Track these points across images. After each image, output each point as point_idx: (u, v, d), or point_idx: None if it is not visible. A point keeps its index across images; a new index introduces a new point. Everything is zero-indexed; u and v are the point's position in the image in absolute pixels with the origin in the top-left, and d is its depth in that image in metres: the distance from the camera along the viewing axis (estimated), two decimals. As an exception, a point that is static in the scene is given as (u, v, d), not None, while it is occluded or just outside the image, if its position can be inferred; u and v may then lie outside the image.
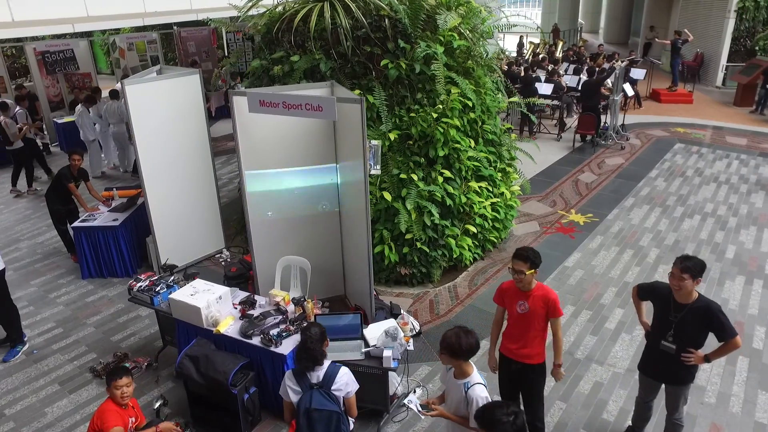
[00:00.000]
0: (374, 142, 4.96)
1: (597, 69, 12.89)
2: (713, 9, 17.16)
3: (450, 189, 6.17)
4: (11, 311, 5.45)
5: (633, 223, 8.08)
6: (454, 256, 6.48)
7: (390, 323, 4.40)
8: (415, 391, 4.68)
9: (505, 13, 7.26)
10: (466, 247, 6.57)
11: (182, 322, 4.65)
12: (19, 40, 11.11)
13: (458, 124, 6.11)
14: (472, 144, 6.45)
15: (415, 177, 6.00)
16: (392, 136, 5.91)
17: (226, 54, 15.61)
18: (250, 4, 6.53)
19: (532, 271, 3.70)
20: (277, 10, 6.44)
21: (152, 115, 6.20)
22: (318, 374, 3.13)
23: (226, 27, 6.70)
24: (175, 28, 13.64)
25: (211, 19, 7.08)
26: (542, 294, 3.77)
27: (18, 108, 9.85)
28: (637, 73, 14.36)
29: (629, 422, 4.43)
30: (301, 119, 5.19)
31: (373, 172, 5.00)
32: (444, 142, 6.06)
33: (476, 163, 6.51)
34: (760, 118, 13.51)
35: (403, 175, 6.00)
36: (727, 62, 16.72)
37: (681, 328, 3.65)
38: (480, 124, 6.54)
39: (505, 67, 13.74)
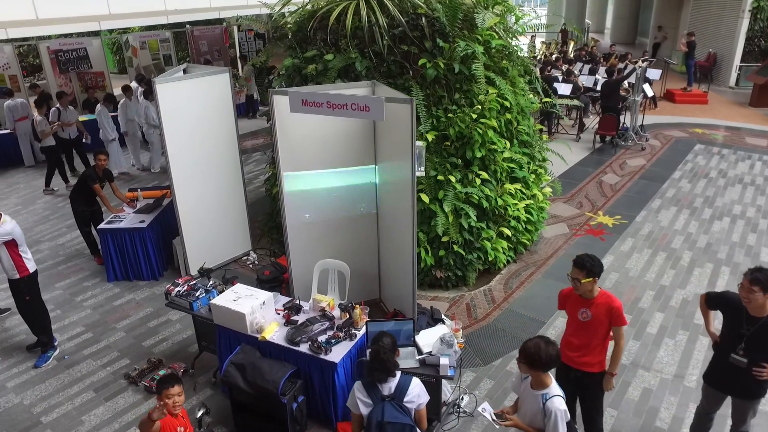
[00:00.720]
0: (418, 143, 4.84)
1: (615, 69, 12.78)
2: (726, 8, 17.05)
3: (486, 191, 6.05)
4: (43, 315, 5.32)
5: (662, 225, 7.97)
6: (489, 259, 6.36)
7: (443, 329, 4.28)
8: (456, 395, 4.57)
9: (536, 12, 7.12)
10: (501, 250, 6.45)
11: (224, 329, 4.53)
12: (38, 38, 10.96)
13: (495, 125, 5.99)
14: (508, 145, 6.34)
15: (452, 179, 5.88)
16: (430, 137, 5.79)
17: (239, 53, 15.49)
18: (283, 1, 6.40)
19: (589, 279, 3.60)
20: (308, 7, 6.31)
21: (182, 115, 6.07)
22: (390, 386, 3.01)
23: (257, 25, 6.54)
24: (188, 26, 13.51)
25: (240, 17, 6.93)
26: (605, 302, 3.66)
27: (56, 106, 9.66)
28: (653, 74, 14.24)
29: (686, 431, 4.32)
30: (340, 119, 5.07)
31: (417, 173, 4.87)
32: (481, 144, 5.94)
33: (511, 165, 6.40)
34: (778, 118, 13.42)
35: (440, 177, 5.88)
36: (741, 62, 16.63)
37: (754, 342, 3.49)
38: (515, 125, 6.42)
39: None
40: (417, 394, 3.05)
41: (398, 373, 3.05)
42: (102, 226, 6.60)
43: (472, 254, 6.23)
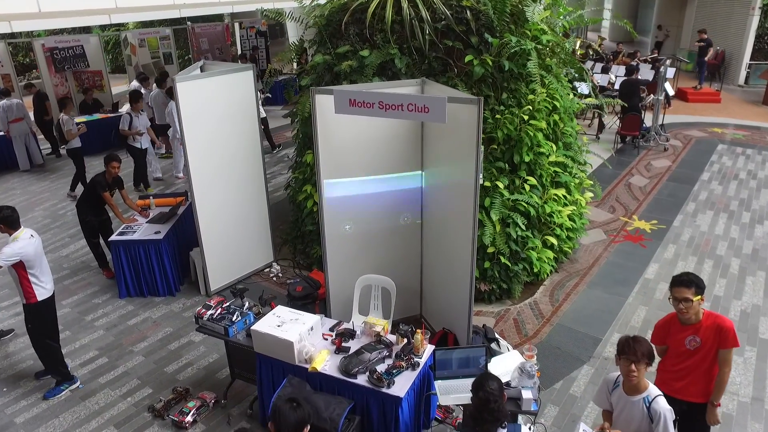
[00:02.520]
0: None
1: (635, 68, 12.42)
2: (735, 6, 16.82)
3: (535, 198, 5.61)
4: (50, 349, 4.71)
5: (702, 231, 7.60)
6: (535, 270, 5.93)
7: (517, 357, 3.83)
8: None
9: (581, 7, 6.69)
10: (546, 260, 6.02)
11: (265, 357, 4.03)
12: (32, 35, 10.34)
13: (544, 126, 5.55)
14: (554, 148, 5.91)
15: (500, 185, 5.44)
16: (476, 139, 5.32)
17: (240, 51, 14.95)
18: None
19: (699, 297, 3.22)
20: (341, 0, 5.82)
21: (203, 116, 5.57)
22: (497, 438, 2.56)
23: (283, 19, 6.05)
24: (188, 23, 12.93)
25: (266, 11, 6.42)
26: (714, 323, 3.28)
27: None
28: (668, 72, 13.93)
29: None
30: (385, 121, 4.60)
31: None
32: (530, 147, 5.50)
33: (557, 169, 5.97)
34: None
35: (487, 183, 5.43)
36: (750, 60, 16.40)
37: None
38: (561, 126, 5.99)
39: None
40: (528, 446, 2.61)
41: (506, 424, 2.60)
42: (114, 237, 6.06)
43: (518, 265, 5.79)
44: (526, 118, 5.34)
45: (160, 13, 9.01)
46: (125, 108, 9.22)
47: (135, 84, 11.17)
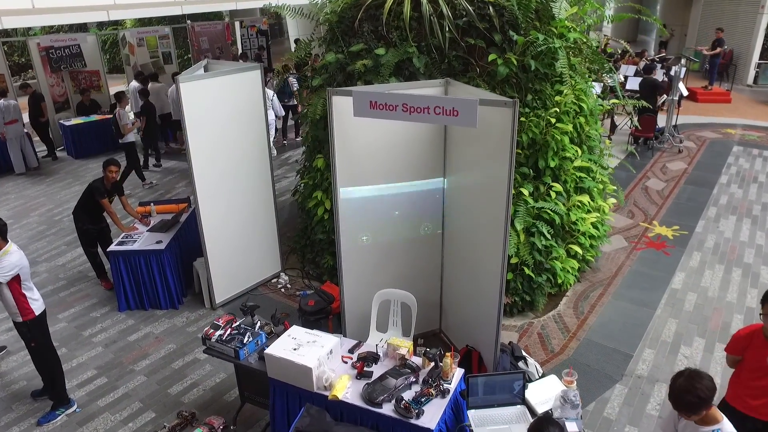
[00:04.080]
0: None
1: (653, 68, 12.11)
2: (742, 5, 16.56)
3: (560, 206, 5.30)
4: (54, 364, 4.39)
5: (726, 237, 7.30)
6: (558, 281, 5.61)
7: (556, 382, 3.51)
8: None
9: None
10: (570, 270, 5.71)
11: (280, 383, 3.70)
12: (27, 34, 9.98)
13: (570, 129, 5.24)
14: (579, 152, 5.59)
15: (524, 191, 5.12)
16: (500, 143, 5.00)
17: (241, 50, 14.62)
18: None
19: None
20: (352, -5, 5.49)
21: (208, 118, 5.24)
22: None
23: (296, 16, 5.71)
24: (188, 22, 12.58)
25: (272, 6, 6.09)
26: None
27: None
28: (681, 72, 13.65)
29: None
30: (405, 125, 4.27)
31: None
32: (555, 152, 5.18)
33: (581, 174, 5.66)
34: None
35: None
36: (759, 59, 16.14)
37: None
38: (587, 128, 5.67)
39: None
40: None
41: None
42: (113, 248, 5.72)
43: (542, 276, 5.47)
44: (553, 121, 5.02)
45: (161, 9, 8.66)
46: (127, 108, 9.06)
47: (134, 84, 10.82)
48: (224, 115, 5.38)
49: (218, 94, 5.29)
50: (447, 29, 4.93)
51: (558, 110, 5.09)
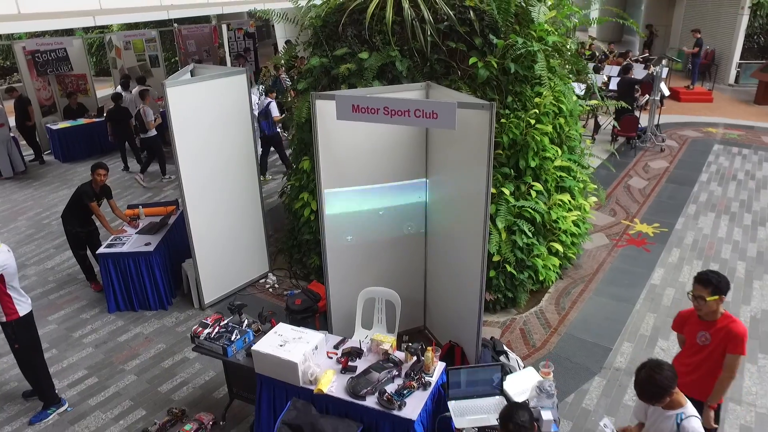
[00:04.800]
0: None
1: (631, 67, 12.34)
2: (723, 5, 16.86)
3: (541, 204, 5.44)
4: (39, 368, 4.45)
5: (705, 233, 7.50)
6: (540, 278, 5.76)
7: (534, 374, 3.64)
8: None
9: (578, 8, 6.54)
10: (551, 268, 5.86)
11: (267, 379, 3.81)
12: (12, 38, 10.01)
13: (550, 130, 5.39)
14: (559, 152, 5.74)
15: (505, 191, 5.26)
16: (481, 144, 5.14)
17: (228, 53, 14.67)
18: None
19: (715, 297, 3.23)
20: (338, 0, 5.61)
21: (195, 122, 5.33)
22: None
23: (279, 20, 5.82)
24: (175, 25, 12.63)
25: (258, 11, 6.19)
26: (726, 325, 3.27)
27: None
28: (663, 72, 13.89)
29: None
30: (388, 128, 4.40)
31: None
32: (535, 152, 5.33)
33: (561, 174, 5.81)
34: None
35: (492, 190, 5.23)
36: (740, 59, 16.43)
37: None
38: (567, 129, 5.83)
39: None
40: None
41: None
42: (102, 250, 5.79)
43: (524, 273, 5.62)
44: (532, 122, 5.17)
45: (147, 14, 8.73)
46: (140, 104, 9.36)
47: (119, 89, 10.87)
48: (211, 118, 5.47)
49: (204, 98, 5.38)
50: (429, 33, 5.06)
51: (537, 111, 5.24)
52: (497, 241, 5.20)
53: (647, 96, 11.26)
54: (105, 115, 10.28)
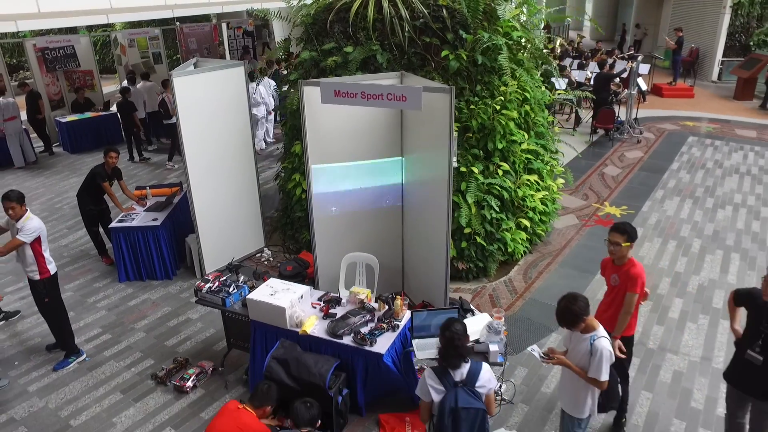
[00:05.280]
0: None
1: (606, 63, 12.96)
2: (707, 5, 17.44)
3: (508, 182, 6.06)
4: (63, 319, 5.12)
5: (669, 215, 8.11)
6: (509, 250, 6.38)
7: (485, 318, 4.27)
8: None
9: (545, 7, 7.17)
10: (519, 241, 6.48)
11: (260, 324, 4.44)
12: (23, 36, 10.62)
13: (516, 116, 6.01)
14: (526, 137, 6.36)
15: (475, 170, 5.88)
16: (452, 128, 5.76)
17: (228, 50, 15.29)
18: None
19: (628, 244, 3.87)
20: (326, 0, 6.23)
21: (198, 109, 5.95)
22: (462, 372, 2.99)
23: (273, 18, 6.45)
24: (177, 23, 13.26)
25: (255, 10, 6.81)
26: (628, 268, 3.92)
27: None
28: (642, 68, 14.50)
29: (721, 410, 4.37)
30: (368, 111, 5.03)
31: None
32: (502, 135, 5.95)
33: (529, 156, 6.43)
34: (765, 112, 13.75)
35: (463, 168, 5.87)
36: (723, 57, 17.02)
37: None
38: (533, 116, 6.45)
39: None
40: (488, 378, 3.04)
41: (469, 359, 3.03)
42: (114, 224, 6.42)
43: (493, 245, 6.24)
44: (498, 108, 5.79)
45: (153, 13, 9.36)
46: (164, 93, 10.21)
47: (125, 83, 11.50)
48: (212, 106, 6.08)
49: (207, 87, 6.00)
50: (406, 30, 5.68)
51: (503, 99, 5.86)
52: (467, 214, 5.82)
53: (625, 90, 11.88)
54: (116, 107, 10.90)
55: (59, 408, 4.64)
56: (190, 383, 4.76)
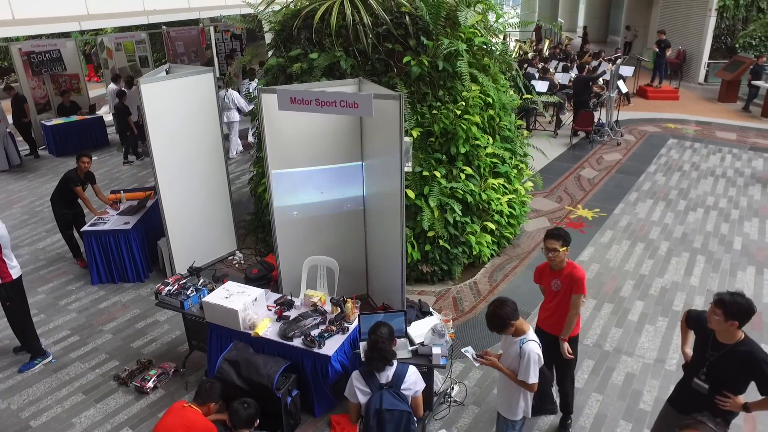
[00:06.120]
0: (406, 139, 4.92)
1: (587, 65, 13.07)
2: (693, 7, 17.54)
3: (471, 186, 6.16)
4: (26, 324, 5.20)
5: (640, 217, 8.21)
6: (474, 253, 6.48)
7: (434, 320, 4.36)
8: (447, 385, 4.66)
9: (514, 12, 7.27)
10: (485, 244, 6.57)
11: (216, 326, 4.54)
12: (8, 40, 10.75)
13: (479, 121, 6.10)
14: (491, 141, 6.46)
15: (437, 174, 5.98)
16: (415, 133, 5.87)
17: (215, 54, 15.40)
18: (267, 1, 6.42)
19: (565, 248, 3.93)
20: (291, 6, 6.33)
21: (167, 115, 6.05)
22: (387, 374, 3.09)
23: (243, 24, 6.56)
24: (163, 27, 13.37)
25: (224, 17, 6.92)
26: (570, 271, 3.98)
27: None
28: (626, 71, 14.58)
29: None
30: (327, 117, 5.12)
31: (405, 169, 4.94)
32: (465, 139, 6.05)
33: (494, 160, 6.53)
34: (746, 114, 13.84)
35: (425, 173, 5.97)
36: (709, 59, 17.11)
37: (715, 369, 3.23)
38: (498, 120, 6.54)
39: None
40: (414, 381, 3.13)
41: (395, 362, 3.13)
42: (86, 228, 6.53)
43: (458, 248, 6.34)
44: (458, 112, 5.89)
45: (129, 20, 9.46)
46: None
47: (112, 87, 11.61)
48: (182, 111, 6.18)
49: (176, 94, 6.10)
50: (369, 36, 5.78)
51: (465, 104, 5.96)
52: (429, 218, 5.91)
53: (605, 93, 11.97)
54: (114, 110, 11.01)
55: (21, 409, 4.74)
56: (150, 384, 4.86)
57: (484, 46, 6.32)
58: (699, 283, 6.46)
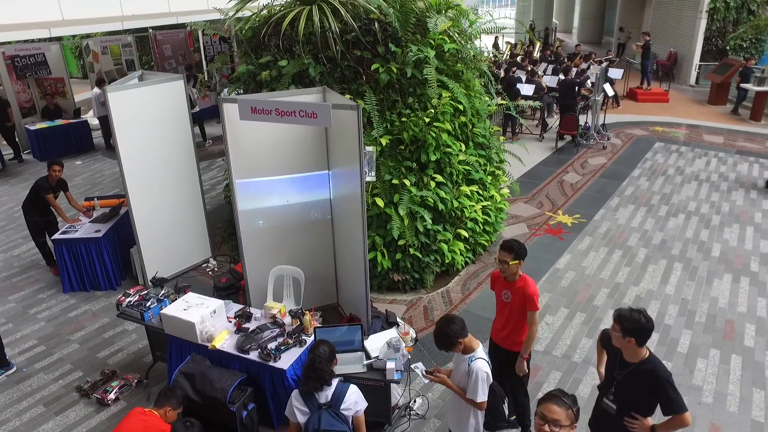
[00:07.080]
0: (369, 148, 4.88)
1: (575, 68, 13.02)
2: (684, 9, 17.50)
3: (442, 194, 6.12)
4: None
5: (620, 223, 8.15)
6: (447, 261, 6.43)
7: (391, 334, 4.32)
8: (407, 397, 4.62)
9: (491, 15, 7.23)
10: (458, 252, 6.53)
11: (175, 338, 4.50)
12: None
13: (449, 128, 6.06)
14: (463, 148, 6.42)
15: (407, 182, 5.93)
16: (384, 141, 5.83)
17: (204, 57, 15.34)
18: (236, 7, 6.38)
19: (516, 262, 3.85)
20: (262, 13, 6.30)
21: (136, 123, 6.01)
22: (326, 394, 3.04)
23: (207, 30, 6.52)
24: (150, 31, 13.32)
25: (192, 23, 6.88)
26: (522, 286, 3.90)
27: None
28: (615, 73, 14.54)
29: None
30: (291, 126, 5.08)
31: (368, 178, 4.90)
32: (436, 147, 6.00)
33: (467, 167, 6.48)
34: (735, 117, 13.78)
35: (395, 181, 5.93)
36: (700, 61, 17.06)
37: (621, 388, 3.17)
38: (470, 127, 6.50)
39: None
40: (354, 401, 3.09)
41: (335, 381, 3.09)
42: (56, 236, 6.49)
43: (429, 257, 6.29)
44: (427, 120, 5.84)
45: (103, 26, 9.43)
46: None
47: (96, 90, 11.57)
48: (151, 119, 6.14)
49: (146, 101, 6.06)
50: (337, 43, 5.74)
51: (434, 111, 5.91)
52: (399, 226, 5.87)
53: (591, 96, 11.92)
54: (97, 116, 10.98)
55: (-21, 422, 4.71)
56: (112, 395, 4.82)
57: (456, 53, 6.27)
58: (674, 291, 6.41)
